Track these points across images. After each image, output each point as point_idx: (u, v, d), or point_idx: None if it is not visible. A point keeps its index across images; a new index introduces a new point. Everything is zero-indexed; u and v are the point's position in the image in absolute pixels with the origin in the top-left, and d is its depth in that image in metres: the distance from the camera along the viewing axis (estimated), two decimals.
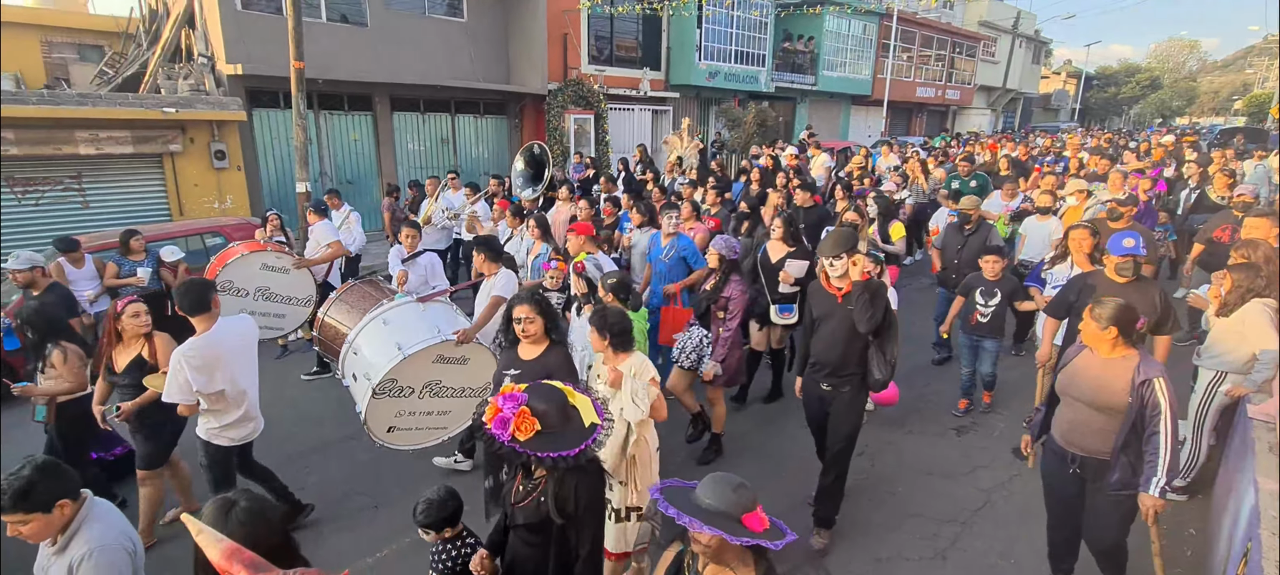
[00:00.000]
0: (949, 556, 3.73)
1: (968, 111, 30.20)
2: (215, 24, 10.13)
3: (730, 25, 17.63)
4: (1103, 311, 2.75)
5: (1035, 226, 6.39)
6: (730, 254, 4.43)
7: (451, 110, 13.46)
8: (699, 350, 4.31)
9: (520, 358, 3.23)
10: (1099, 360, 2.82)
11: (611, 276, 3.94)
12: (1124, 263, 3.67)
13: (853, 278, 3.38)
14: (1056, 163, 12.27)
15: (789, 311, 5.02)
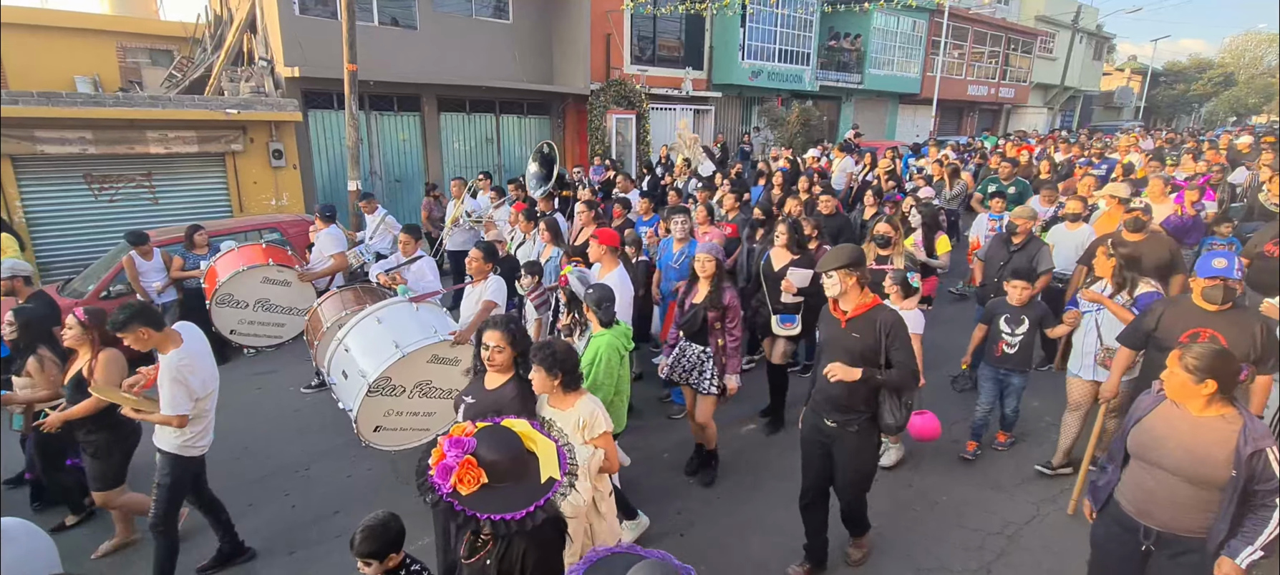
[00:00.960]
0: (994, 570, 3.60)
1: (1023, 110, 29.10)
2: (274, 29, 10.55)
3: (774, 23, 17.43)
4: (1197, 361, 2.27)
5: (1064, 235, 5.83)
6: (717, 255, 4.09)
7: (496, 110, 13.70)
8: (698, 367, 4.10)
9: (482, 386, 3.02)
10: (1188, 419, 2.34)
11: (593, 290, 3.64)
12: (1212, 286, 3.20)
13: (856, 300, 3.03)
14: (1101, 165, 11.44)
15: (791, 322, 4.77)
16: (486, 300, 4.53)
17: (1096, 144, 16.21)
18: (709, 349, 4.06)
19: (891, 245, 5.13)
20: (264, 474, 4.75)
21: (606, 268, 4.60)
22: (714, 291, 3.99)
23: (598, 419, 2.84)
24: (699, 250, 4.06)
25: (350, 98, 8.72)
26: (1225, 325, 3.17)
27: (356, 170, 9.18)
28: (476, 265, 4.67)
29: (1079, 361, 4.20)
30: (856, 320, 3.04)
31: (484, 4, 12.93)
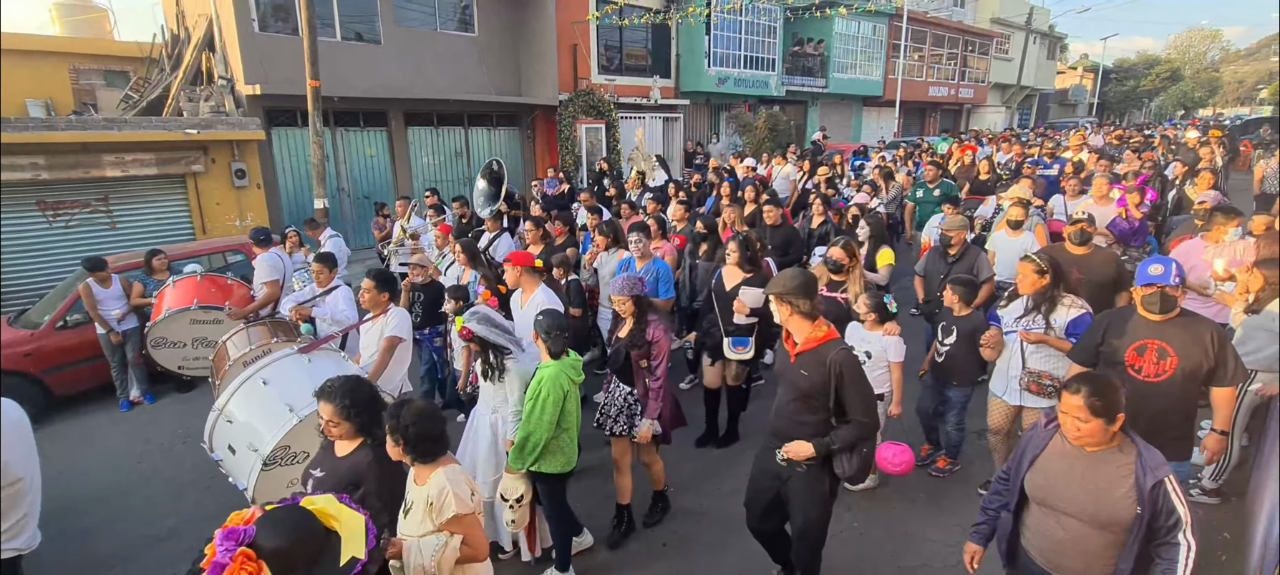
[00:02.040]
0: None
1: (982, 110, 29.90)
2: (234, 47, 10.36)
3: (739, 31, 17.67)
4: (1078, 398, 2.08)
5: (1005, 243, 5.55)
6: (634, 288, 3.62)
7: (465, 123, 13.63)
8: (627, 411, 3.71)
9: (333, 455, 2.63)
10: (1083, 456, 2.17)
11: (542, 317, 3.31)
12: (1149, 295, 2.99)
13: (806, 332, 2.72)
14: (1053, 165, 10.85)
15: (744, 345, 4.49)
16: (389, 336, 4.11)
17: (1047, 143, 15.89)
18: (635, 391, 3.69)
19: (845, 270, 4.49)
20: (120, 546, 4.19)
21: (527, 291, 4.23)
22: (637, 327, 3.60)
23: (448, 499, 2.32)
24: (612, 290, 3.63)
25: (314, 114, 8.60)
26: (1174, 334, 2.96)
27: (323, 188, 9.04)
28: (370, 297, 4.21)
29: (1002, 382, 3.83)
30: (806, 355, 2.71)
31: (449, 17, 12.87)
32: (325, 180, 9.09)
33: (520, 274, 4.26)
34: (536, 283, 4.26)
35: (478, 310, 3.51)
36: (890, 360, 3.91)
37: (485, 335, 3.38)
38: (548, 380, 3.14)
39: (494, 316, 3.52)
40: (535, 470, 3.27)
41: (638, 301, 3.60)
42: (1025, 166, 10.09)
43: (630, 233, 5.16)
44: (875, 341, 3.92)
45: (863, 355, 3.54)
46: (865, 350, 3.78)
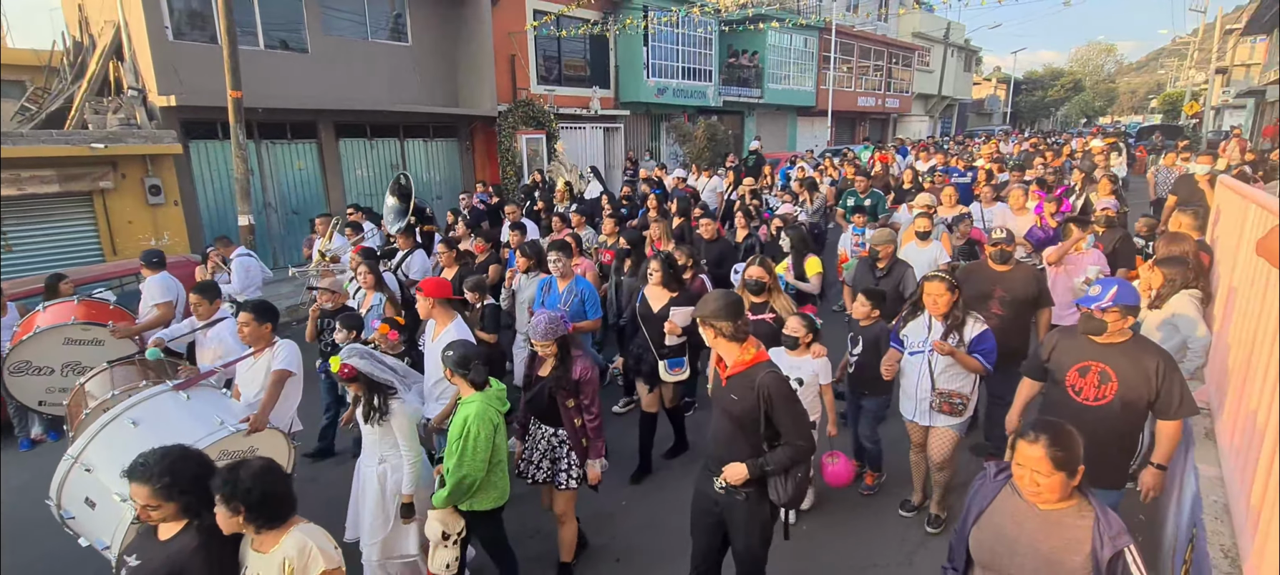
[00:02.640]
0: None
1: (908, 119, 31.38)
2: (145, 55, 9.73)
3: (676, 42, 17.93)
4: (1038, 448, 1.83)
5: (915, 254, 5.48)
6: (557, 331, 3.32)
7: (400, 135, 13.24)
8: (551, 454, 3.43)
9: (154, 539, 2.26)
10: (1036, 515, 1.92)
11: (453, 350, 3.06)
12: (1082, 318, 2.93)
13: (735, 355, 2.61)
14: (968, 172, 10.76)
15: (680, 366, 4.33)
16: (277, 370, 3.68)
17: (956, 152, 15.92)
18: (564, 432, 3.40)
19: (767, 291, 4.29)
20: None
21: (440, 325, 3.91)
22: (561, 366, 3.31)
23: (312, 557, 2.10)
24: (534, 335, 3.30)
25: (236, 127, 8.16)
26: (1118, 358, 2.83)
27: (248, 204, 8.59)
28: (250, 331, 3.78)
29: (911, 404, 3.73)
30: (735, 379, 2.60)
31: (380, 26, 12.50)
32: (250, 196, 8.64)
33: (432, 306, 3.89)
34: (451, 316, 3.94)
35: (356, 347, 3.25)
36: (821, 383, 3.83)
37: (370, 372, 3.12)
38: (475, 415, 2.94)
39: (378, 354, 3.26)
40: (467, 509, 3.08)
41: (561, 342, 3.34)
42: (937, 176, 10.10)
43: (550, 252, 4.88)
44: (805, 367, 3.78)
45: (794, 382, 3.50)
46: (796, 377, 3.65)
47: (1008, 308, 4.31)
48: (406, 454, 3.18)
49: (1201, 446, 2.93)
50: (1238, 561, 2.08)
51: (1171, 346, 3.84)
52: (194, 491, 2.15)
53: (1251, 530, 2.01)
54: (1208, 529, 2.28)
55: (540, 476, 3.46)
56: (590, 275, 5.47)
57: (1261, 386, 2.24)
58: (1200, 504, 2.46)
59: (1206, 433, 3.06)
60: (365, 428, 3.25)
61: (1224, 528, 2.28)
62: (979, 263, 4.77)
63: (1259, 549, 1.88)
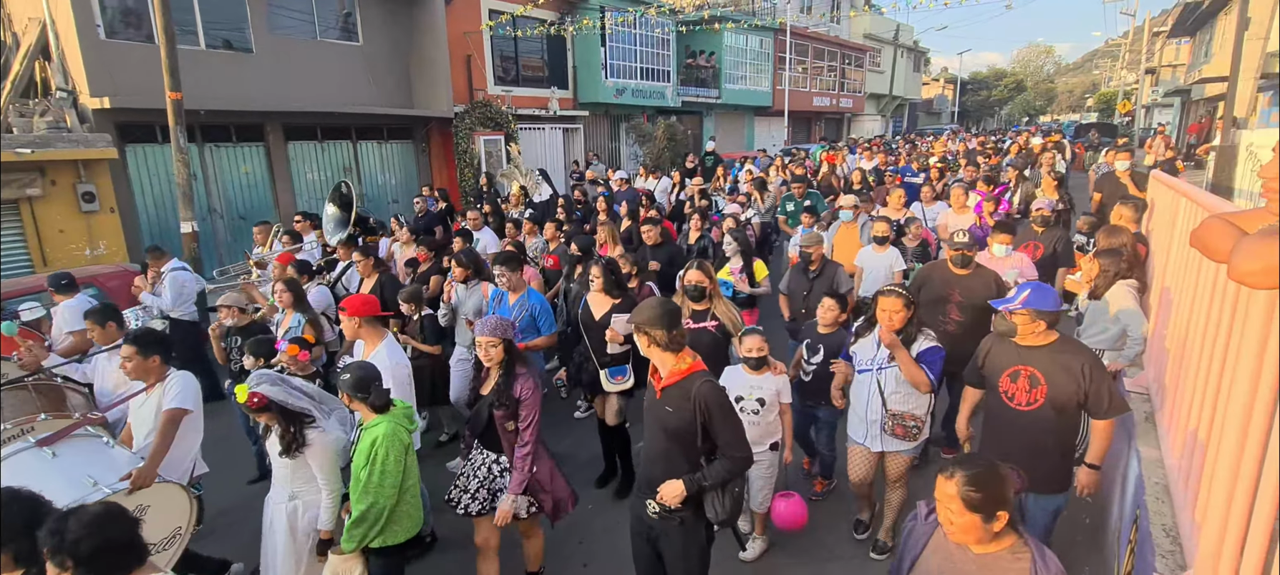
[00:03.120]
0: None
1: (861, 118, 32.13)
2: (74, 55, 9.22)
3: (634, 43, 17.94)
4: (952, 485, 1.75)
5: (872, 259, 5.42)
6: (506, 334, 3.08)
7: (353, 137, 12.89)
8: (489, 485, 3.16)
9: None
10: (971, 559, 1.84)
11: (349, 374, 2.81)
12: (1006, 323, 2.93)
13: (670, 366, 2.48)
14: (920, 174, 10.62)
15: (622, 374, 4.15)
16: (168, 410, 3.23)
17: (905, 152, 15.89)
18: (506, 459, 3.15)
19: (706, 297, 4.02)
20: None
21: (369, 345, 3.65)
22: (504, 381, 3.05)
23: None
24: (479, 331, 3.08)
25: (176, 130, 7.79)
26: (1046, 361, 2.82)
27: (190, 210, 8.21)
28: (134, 365, 3.30)
29: (862, 427, 3.50)
30: (671, 390, 2.48)
31: (329, 25, 12.14)
32: (193, 201, 8.27)
33: (358, 325, 3.59)
34: (380, 335, 3.65)
35: (266, 373, 2.93)
36: (782, 402, 3.55)
37: (282, 401, 2.83)
38: (384, 437, 2.71)
39: (293, 381, 2.96)
40: (375, 546, 2.80)
41: (508, 348, 3.08)
42: (887, 177, 9.98)
43: (494, 265, 4.55)
44: (766, 386, 3.48)
45: (755, 403, 3.41)
46: (757, 398, 3.44)
47: (965, 312, 4.25)
48: (325, 488, 2.93)
49: (1143, 430, 3.07)
50: (1178, 539, 2.18)
51: (1112, 335, 4.02)
52: (21, 539, 1.87)
53: (1191, 510, 2.11)
54: (1150, 509, 2.38)
55: (474, 508, 3.14)
56: (535, 284, 5.26)
57: (1195, 372, 2.36)
58: (1143, 486, 2.57)
59: (1146, 417, 3.21)
60: (277, 461, 2.97)
61: (1165, 508, 2.38)
62: (938, 263, 4.66)
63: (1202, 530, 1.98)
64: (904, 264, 5.50)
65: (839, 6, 30.17)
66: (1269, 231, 1.38)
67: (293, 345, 3.67)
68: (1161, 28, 32.26)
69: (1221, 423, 1.84)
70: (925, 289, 4.42)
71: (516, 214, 8.43)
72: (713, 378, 2.53)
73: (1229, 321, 1.93)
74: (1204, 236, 1.61)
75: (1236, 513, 1.57)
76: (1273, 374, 1.47)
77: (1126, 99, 33.93)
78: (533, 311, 4.47)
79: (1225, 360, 1.91)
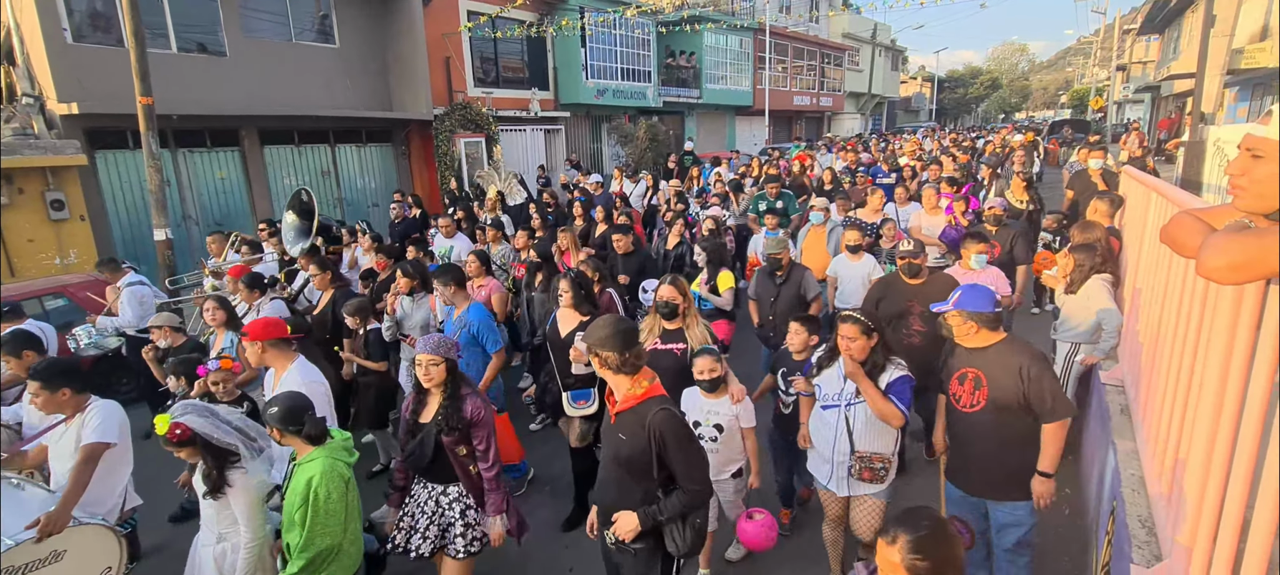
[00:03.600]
0: None
1: (841, 116, 32.41)
2: (41, 60, 9.01)
3: (614, 43, 17.93)
4: (895, 551, 1.63)
5: (847, 267, 5.24)
6: (448, 354, 2.85)
7: (330, 141, 12.73)
8: (439, 520, 2.93)
9: None
10: None
11: (274, 407, 2.59)
12: (945, 324, 2.89)
13: (624, 390, 2.35)
14: (891, 174, 10.25)
15: (585, 398, 3.86)
16: (87, 445, 2.98)
17: (875, 149, 15.55)
18: (454, 490, 2.93)
19: (680, 315, 3.60)
20: None
21: (278, 370, 3.35)
22: (450, 404, 2.82)
23: None
24: (419, 349, 2.85)
25: (148, 135, 7.64)
26: (989, 362, 2.75)
27: (164, 217, 8.05)
28: (41, 400, 3.03)
29: (826, 469, 3.10)
30: (625, 415, 2.33)
31: (304, 27, 11.98)
32: (166, 208, 8.11)
33: (262, 350, 3.28)
34: (288, 357, 3.30)
35: (192, 403, 2.67)
36: (742, 427, 3.24)
37: (207, 434, 2.56)
38: (322, 474, 2.48)
39: (216, 410, 2.68)
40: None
41: (452, 368, 2.85)
42: (859, 176, 9.67)
43: (437, 279, 4.33)
44: (722, 411, 3.20)
45: (712, 430, 3.17)
46: (714, 424, 3.20)
47: (929, 322, 3.94)
48: (246, 536, 2.66)
49: (1119, 423, 3.12)
50: (1154, 530, 2.22)
51: (1087, 328, 4.10)
52: None
53: (1165, 501, 2.15)
54: (1126, 501, 2.43)
55: (426, 549, 2.89)
56: (498, 296, 5.06)
57: (1167, 365, 2.41)
58: (1119, 478, 2.62)
59: (1122, 409, 3.26)
60: (204, 503, 2.71)
61: (1140, 499, 2.43)
62: (894, 275, 4.39)
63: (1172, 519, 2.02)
64: (882, 271, 5.19)
65: (817, 6, 30.40)
66: (1236, 228, 1.41)
67: (226, 358, 3.43)
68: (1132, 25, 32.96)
69: (1193, 415, 1.88)
70: (885, 303, 4.27)
71: (490, 219, 8.30)
72: (672, 404, 2.37)
73: (1199, 316, 1.97)
74: (1173, 232, 1.64)
75: (1209, 503, 1.60)
76: (1241, 367, 1.50)
77: (1099, 96, 34.60)
78: (473, 329, 4.08)
79: (1196, 354, 1.95)
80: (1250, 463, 1.41)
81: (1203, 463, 1.69)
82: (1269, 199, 1.35)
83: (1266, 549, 1.29)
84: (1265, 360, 1.37)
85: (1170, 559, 1.93)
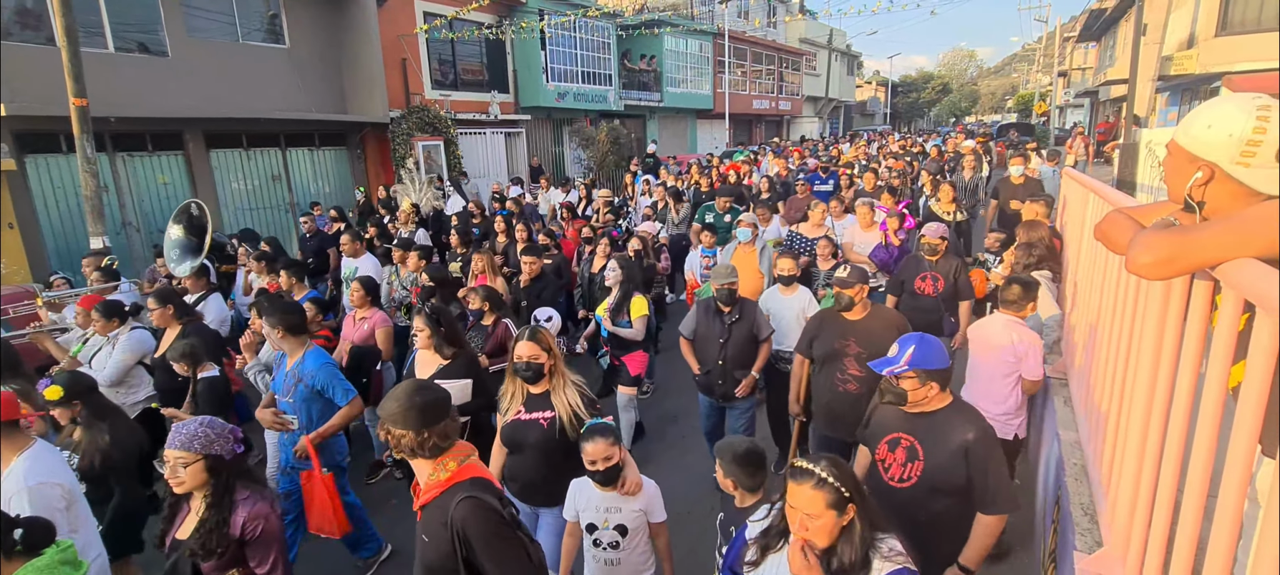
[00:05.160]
0: None
1: (799, 120, 32.99)
2: None
3: (574, 46, 17.86)
4: None
5: (779, 303, 4.35)
6: (208, 448, 2.15)
7: (281, 144, 12.35)
8: None
9: None
10: None
11: None
12: (894, 388, 2.39)
13: (425, 475, 1.94)
14: (829, 180, 9.35)
15: None
16: None
17: (806, 154, 14.67)
18: None
19: (547, 376, 2.79)
20: None
21: (5, 456, 2.48)
22: (212, 512, 2.14)
23: None
24: (169, 444, 2.15)
25: (82, 139, 7.28)
26: (927, 431, 2.37)
27: (101, 225, 7.67)
28: None
29: None
30: (429, 509, 1.90)
31: (252, 27, 11.60)
32: (103, 215, 7.73)
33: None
34: (18, 444, 2.49)
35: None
36: (652, 523, 2.61)
37: None
38: None
39: None
40: None
41: (215, 466, 2.13)
42: (799, 185, 8.56)
43: (263, 317, 3.65)
44: (626, 508, 2.55)
45: (612, 534, 2.54)
46: (615, 525, 2.54)
47: (868, 368, 3.09)
48: None
49: (1062, 414, 3.24)
50: (1095, 517, 2.31)
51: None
52: None
53: (1105, 489, 2.23)
54: (1069, 489, 2.51)
55: None
56: (383, 331, 4.43)
57: (1104, 358, 2.51)
58: (1063, 467, 2.72)
59: (1065, 401, 3.39)
60: None
61: (1083, 487, 2.52)
62: (827, 314, 3.72)
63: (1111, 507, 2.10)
64: (818, 304, 4.39)
65: (775, 11, 30.92)
66: (1162, 225, 1.48)
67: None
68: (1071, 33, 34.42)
69: (1128, 406, 1.95)
70: (818, 343, 3.60)
71: (407, 233, 7.48)
72: (480, 492, 1.86)
73: (1132, 310, 2.06)
74: (1106, 230, 1.71)
75: (1144, 490, 1.67)
76: (1170, 360, 1.57)
77: (1043, 100, 36.05)
78: (310, 383, 3.32)
79: (1130, 347, 2.04)
80: (1179, 451, 1.48)
81: (1137, 451, 1.76)
82: (1175, 193, 1.44)
83: (1194, 533, 1.35)
84: (1192, 352, 1.44)
85: (1110, 546, 2.00)
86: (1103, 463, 2.35)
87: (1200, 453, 1.33)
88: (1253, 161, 1.31)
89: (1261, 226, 1.19)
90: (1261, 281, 1.11)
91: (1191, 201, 1.40)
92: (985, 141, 17.34)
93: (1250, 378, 1.15)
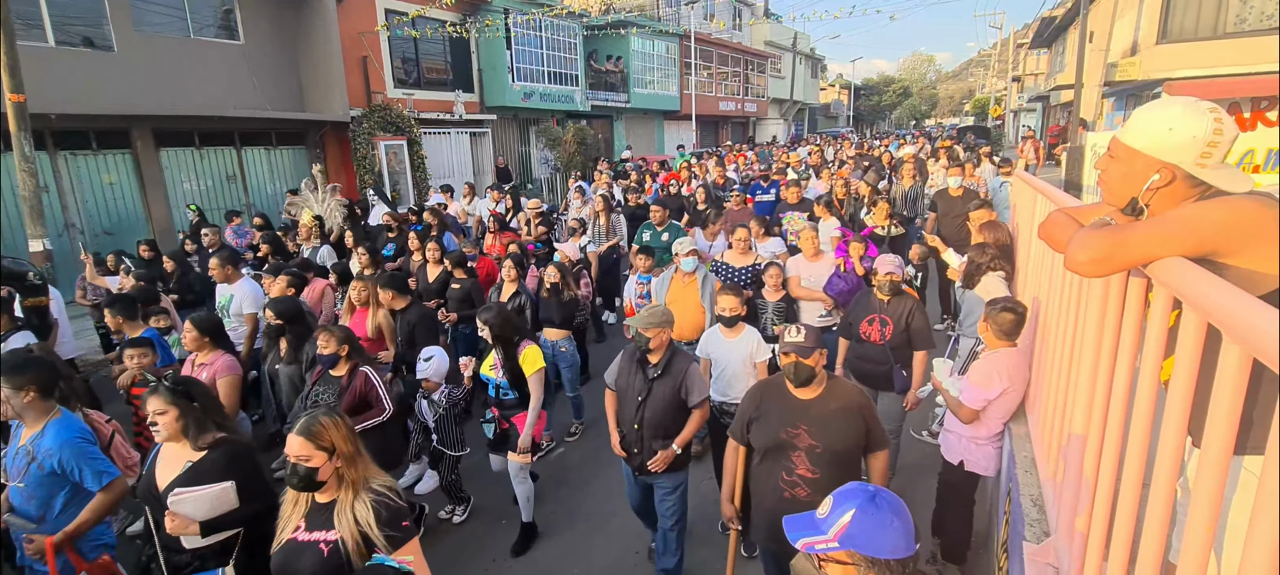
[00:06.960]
0: None
1: (765, 122, 33.40)
2: None
3: (540, 46, 17.76)
4: None
5: (721, 346, 3.74)
6: None
7: (236, 143, 11.97)
8: None
9: None
10: None
11: None
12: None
13: None
14: (770, 188, 8.47)
15: None
16: None
17: (751, 160, 14.22)
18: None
19: (333, 481, 2.04)
20: None
21: None
22: None
23: None
24: None
25: (20, 136, 6.96)
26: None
27: (41, 226, 7.34)
28: None
29: None
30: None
31: (204, 23, 11.23)
32: (44, 216, 7.40)
33: None
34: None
35: None
36: None
37: None
38: None
39: None
40: None
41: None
42: (734, 194, 7.59)
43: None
44: None
45: None
46: None
47: (823, 464, 2.55)
48: None
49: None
50: (1043, 508, 2.39)
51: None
52: None
53: (1052, 481, 2.31)
54: (1020, 481, 2.60)
55: None
56: (227, 380, 3.61)
57: (1051, 354, 2.60)
58: (1014, 460, 2.81)
59: None
60: None
61: (1032, 480, 2.61)
62: (772, 380, 2.80)
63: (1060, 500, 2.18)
64: (768, 352, 3.66)
65: (740, 14, 31.23)
66: (1099, 225, 1.54)
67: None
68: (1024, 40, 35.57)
69: (1073, 400, 2.03)
70: (758, 427, 2.71)
71: (308, 252, 6.79)
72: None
73: (1074, 307, 2.13)
74: (1048, 229, 1.77)
75: (1087, 481, 1.73)
76: (1109, 356, 1.63)
77: (998, 104, 37.19)
78: (52, 463, 2.57)
79: (1073, 343, 2.11)
80: (1118, 443, 1.54)
81: (1079, 443, 1.82)
82: (1120, 195, 1.49)
83: (1130, 522, 1.41)
84: (1128, 348, 1.50)
85: (1056, 535, 2.07)
86: (1049, 454, 2.43)
87: (1136, 444, 1.38)
88: (1208, 162, 1.37)
89: (1190, 226, 1.25)
90: (1188, 279, 1.16)
91: (1140, 204, 1.44)
92: (950, 145, 17.75)
93: (1178, 371, 1.20)
